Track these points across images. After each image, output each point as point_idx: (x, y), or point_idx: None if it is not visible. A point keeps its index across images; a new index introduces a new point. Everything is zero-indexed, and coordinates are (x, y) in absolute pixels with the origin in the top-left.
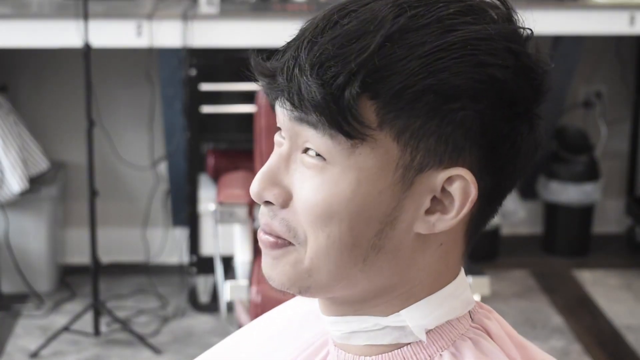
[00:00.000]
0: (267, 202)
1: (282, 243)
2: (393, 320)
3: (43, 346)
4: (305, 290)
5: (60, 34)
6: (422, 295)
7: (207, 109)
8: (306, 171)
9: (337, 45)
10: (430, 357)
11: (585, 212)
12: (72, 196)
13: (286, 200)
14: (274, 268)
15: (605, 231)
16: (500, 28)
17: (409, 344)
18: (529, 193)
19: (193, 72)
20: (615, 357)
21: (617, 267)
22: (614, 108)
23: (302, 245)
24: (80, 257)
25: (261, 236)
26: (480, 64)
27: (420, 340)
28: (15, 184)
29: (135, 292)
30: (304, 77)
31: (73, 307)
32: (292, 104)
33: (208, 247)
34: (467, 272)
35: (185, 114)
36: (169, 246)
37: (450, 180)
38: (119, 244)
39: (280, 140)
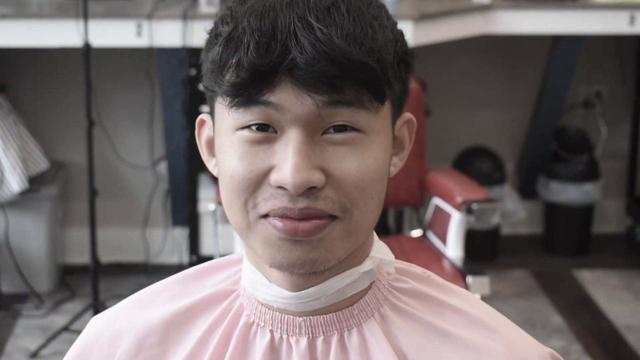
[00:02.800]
0: (308, 189)
1: (325, 223)
2: (368, 264)
3: (43, 346)
4: (339, 258)
5: (60, 33)
6: (372, 237)
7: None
8: (338, 148)
9: (358, 24)
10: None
11: (585, 212)
12: (72, 196)
13: (325, 181)
14: (315, 251)
15: (606, 231)
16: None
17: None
18: (529, 193)
19: (193, 72)
20: (615, 357)
21: (617, 267)
22: (614, 108)
23: (348, 213)
24: (80, 257)
25: (297, 226)
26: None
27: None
28: (15, 183)
29: (135, 291)
30: (356, 69)
31: (73, 307)
32: (332, 87)
33: (208, 247)
34: (467, 272)
35: (185, 113)
36: (168, 246)
37: (401, 126)
38: (118, 244)
39: (256, 135)
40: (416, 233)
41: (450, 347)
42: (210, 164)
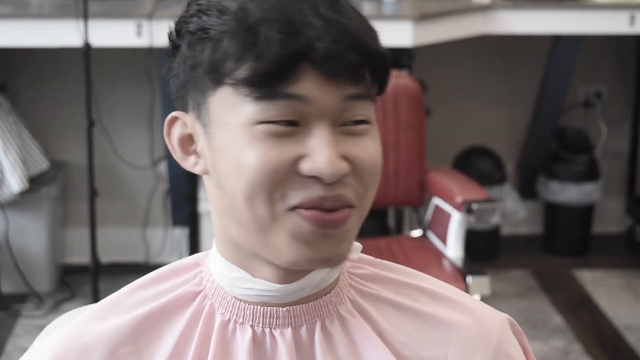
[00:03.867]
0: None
1: (349, 212)
2: (356, 246)
3: None
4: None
5: (60, 33)
6: None
7: None
8: (355, 138)
9: (361, 19)
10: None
11: (585, 212)
12: (72, 196)
13: (349, 169)
14: (344, 244)
15: (606, 231)
16: None
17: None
18: (529, 193)
19: None
20: (616, 357)
21: (617, 267)
22: (614, 108)
23: (360, 201)
24: (80, 257)
25: (326, 217)
26: None
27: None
28: (15, 183)
29: None
30: (373, 58)
31: (73, 307)
32: (355, 75)
33: (208, 246)
34: (468, 272)
35: None
36: (168, 246)
37: None
38: (119, 244)
39: (281, 128)
40: (416, 233)
41: (421, 323)
42: (186, 162)
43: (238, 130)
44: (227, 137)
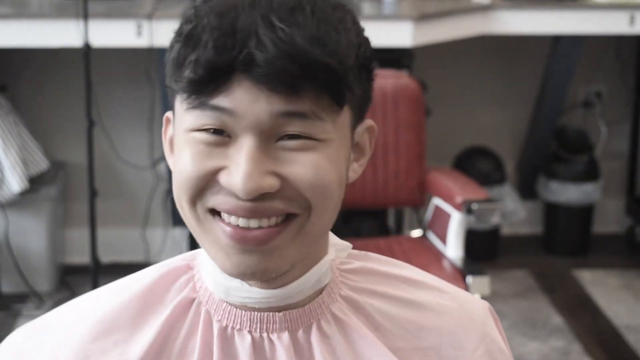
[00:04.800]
0: (259, 195)
1: (279, 229)
2: (332, 252)
3: None
4: (293, 264)
5: (60, 33)
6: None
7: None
8: (292, 153)
9: (322, 26)
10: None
11: (585, 212)
12: (72, 196)
13: (279, 185)
14: (267, 260)
15: (605, 231)
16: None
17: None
18: (529, 193)
19: None
20: (615, 357)
21: (617, 267)
22: (614, 108)
23: (307, 211)
24: (80, 257)
25: (246, 234)
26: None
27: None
28: (15, 183)
29: None
30: (317, 70)
31: None
32: (291, 87)
33: None
34: (468, 272)
35: None
36: (169, 246)
37: (362, 133)
38: (119, 244)
39: (211, 138)
40: (416, 233)
41: (413, 313)
42: (170, 160)
43: (181, 135)
44: (177, 141)
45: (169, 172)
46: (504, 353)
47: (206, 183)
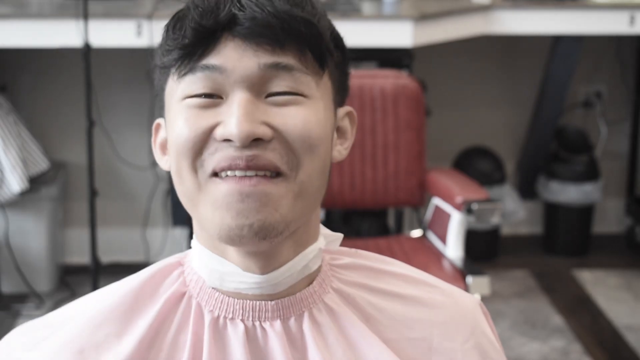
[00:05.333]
0: (253, 142)
1: (274, 179)
2: (322, 241)
3: None
4: (288, 225)
5: (60, 34)
6: (319, 214)
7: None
8: (282, 108)
9: None
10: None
11: (585, 212)
12: (72, 196)
13: (272, 135)
14: (263, 211)
15: (605, 231)
16: None
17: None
18: (529, 193)
19: None
20: (616, 357)
21: (617, 267)
22: (614, 108)
23: (294, 171)
24: (80, 257)
25: (246, 180)
26: None
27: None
28: (15, 183)
29: None
30: (296, 23)
31: None
32: (276, 42)
33: None
34: (467, 272)
35: None
36: (169, 246)
37: (343, 116)
38: (119, 244)
39: (204, 100)
40: (416, 233)
41: (404, 306)
42: (162, 161)
43: (173, 109)
44: (169, 118)
45: (169, 172)
46: (495, 346)
47: (203, 143)
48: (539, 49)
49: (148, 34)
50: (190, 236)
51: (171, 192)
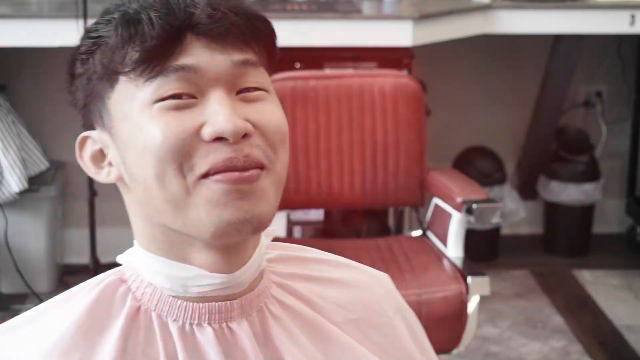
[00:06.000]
0: (244, 137)
1: (260, 171)
2: (264, 242)
3: None
4: (273, 214)
5: (59, 33)
6: None
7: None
8: (253, 104)
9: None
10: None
11: (585, 212)
12: (71, 196)
13: (253, 131)
14: (260, 204)
15: (606, 231)
16: None
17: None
18: (529, 193)
19: None
20: (616, 357)
21: (617, 267)
22: (615, 108)
23: (273, 163)
24: (79, 257)
25: (241, 174)
26: None
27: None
28: (14, 184)
29: None
30: (255, 20)
31: None
32: (242, 39)
33: None
34: (467, 272)
35: None
36: None
37: None
38: (118, 244)
39: (178, 102)
40: (416, 233)
41: (336, 289)
42: (100, 175)
43: (137, 115)
44: (129, 127)
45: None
46: (412, 314)
47: (190, 146)
48: (539, 48)
49: None
50: None
51: None
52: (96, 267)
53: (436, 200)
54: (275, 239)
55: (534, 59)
